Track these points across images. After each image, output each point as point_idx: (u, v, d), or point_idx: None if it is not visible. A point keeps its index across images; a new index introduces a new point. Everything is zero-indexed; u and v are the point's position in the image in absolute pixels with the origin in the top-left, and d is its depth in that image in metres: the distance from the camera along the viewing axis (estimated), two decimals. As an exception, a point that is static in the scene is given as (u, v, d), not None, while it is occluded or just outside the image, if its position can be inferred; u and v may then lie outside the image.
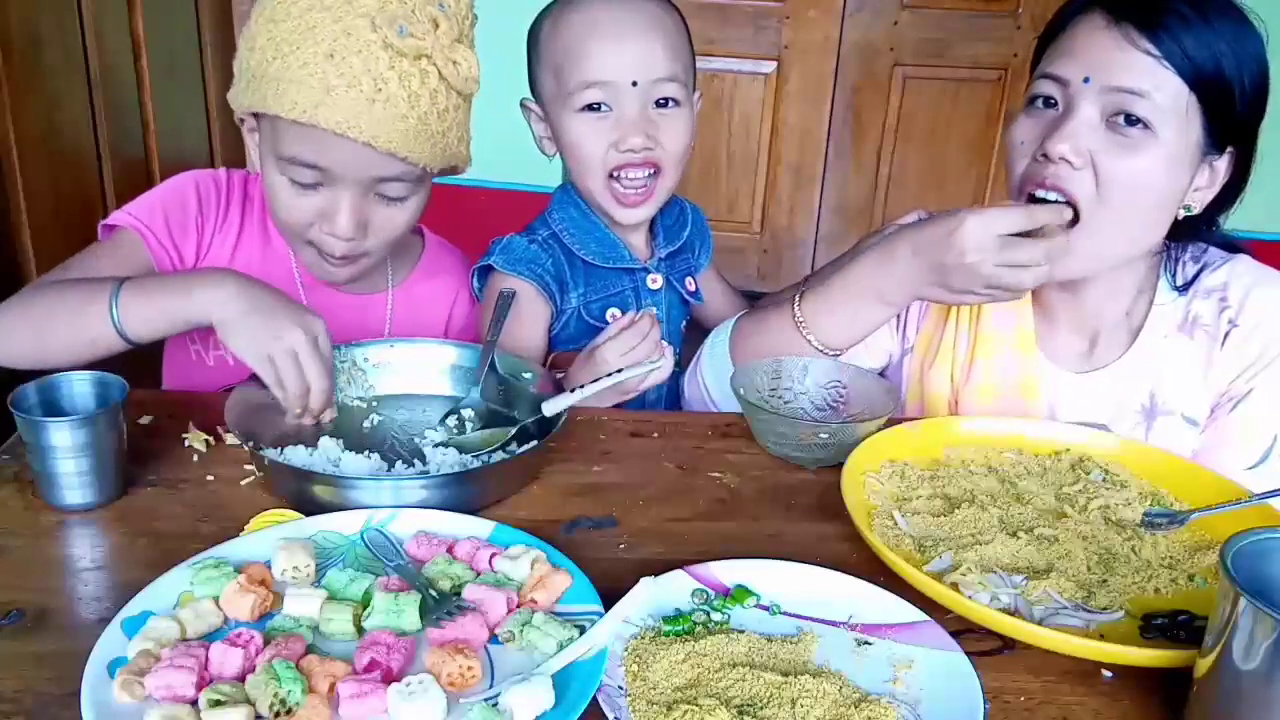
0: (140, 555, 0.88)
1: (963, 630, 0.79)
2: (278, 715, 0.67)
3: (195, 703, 0.68)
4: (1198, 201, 1.14)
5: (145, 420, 1.09)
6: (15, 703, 0.70)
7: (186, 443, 1.05)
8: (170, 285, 1.08)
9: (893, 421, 1.08)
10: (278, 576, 0.81)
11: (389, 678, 0.70)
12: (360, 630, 0.76)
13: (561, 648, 0.74)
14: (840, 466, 0.98)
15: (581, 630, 0.75)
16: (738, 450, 1.11)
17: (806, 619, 0.81)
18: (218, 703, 0.66)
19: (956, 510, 0.95)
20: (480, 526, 0.89)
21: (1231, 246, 1.22)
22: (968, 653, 0.76)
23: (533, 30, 1.35)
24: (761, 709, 0.70)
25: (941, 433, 1.10)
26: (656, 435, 1.13)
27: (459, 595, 0.80)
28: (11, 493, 0.96)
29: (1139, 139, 1.06)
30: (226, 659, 0.71)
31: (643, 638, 0.77)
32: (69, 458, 0.91)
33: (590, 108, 1.29)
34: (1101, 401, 1.21)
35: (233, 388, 1.07)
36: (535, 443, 1.02)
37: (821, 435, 1.05)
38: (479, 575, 0.83)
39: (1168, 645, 0.77)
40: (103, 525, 0.92)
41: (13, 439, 1.01)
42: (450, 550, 0.86)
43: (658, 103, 1.30)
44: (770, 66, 3.47)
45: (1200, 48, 1.04)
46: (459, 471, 0.99)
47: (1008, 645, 0.80)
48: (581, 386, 1.08)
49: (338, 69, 1.06)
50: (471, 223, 1.58)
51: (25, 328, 1.08)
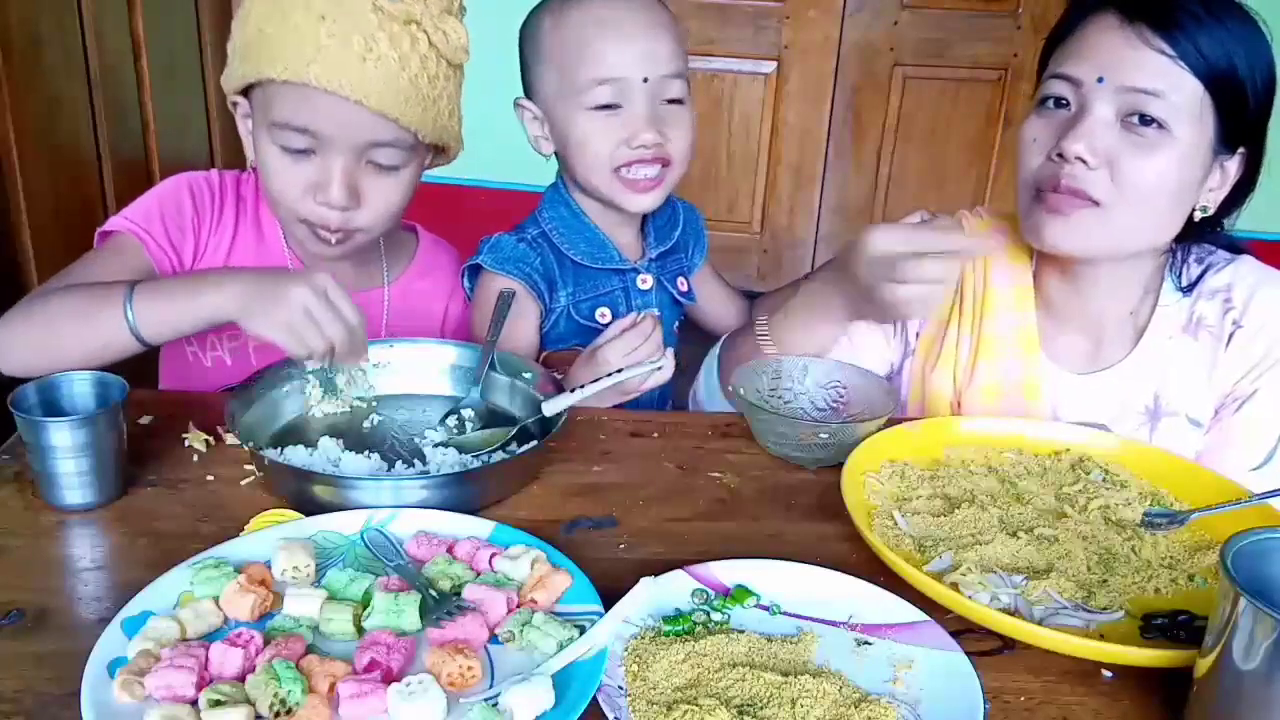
0: (140, 555, 0.88)
1: (963, 630, 0.79)
2: (278, 715, 0.67)
3: (195, 703, 0.68)
4: (1212, 202, 1.13)
5: (145, 420, 1.09)
6: (15, 703, 0.70)
7: (186, 443, 1.05)
8: (181, 287, 1.09)
9: (893, 421, 1.08)
10: (278, 576, 0.81)
11: (389, 678, 0.70)
12: (360, 630, 0.76)
13: (561, 648, 0.74)
14: (840, 466, 0.98)
15: (581, 630, 0.75)
16: (738, 450, 1.11)
17: (806, 619, 0.81)
18: (218, 703, 0.66)
19: (956, 510, 0.95)
20: (480, 526, 0.89)
21: (1235, 247, 1.22)
22: (968, 653, 0.76)
23: (528, 28, 1.34)
24: (761, 709, 0.70)
25: (941, 433, 1.10)
26: (656, 435, 1.13)
27: (459, 595, 0.80)
28: (11, 493, 0.96)
29: (1154, 138, 1.06)
30: (226, 659, 0.71)
31: (643, 638, 0.77)
32: (69, 458, 0.91)
33: (601, 105, 1.28)
34: (1105, 402, 1.21)
35: (232, 388, 1.07)
36: (535, 443, 1.02)
37: (821, 435, 1.05)
38: (479, 575, 0.83)
39: (1168, 645, 0.77)
40: (103, 525, 0.92)
41: (13, 439, 1.01)
42: (450, 550, 0.86)
43: (666, 100, 1.30)
44: (770, 66, 3.47)
45: (1214, 46, 1.04)
46: (459, 471, 0.99)
47: (1008, 645, 0.80)
48: (581, 386, 1.08)
49: (329, 30, 1.08)
50: (470, 223, 1.57)
51: (33, 336, 1.07)
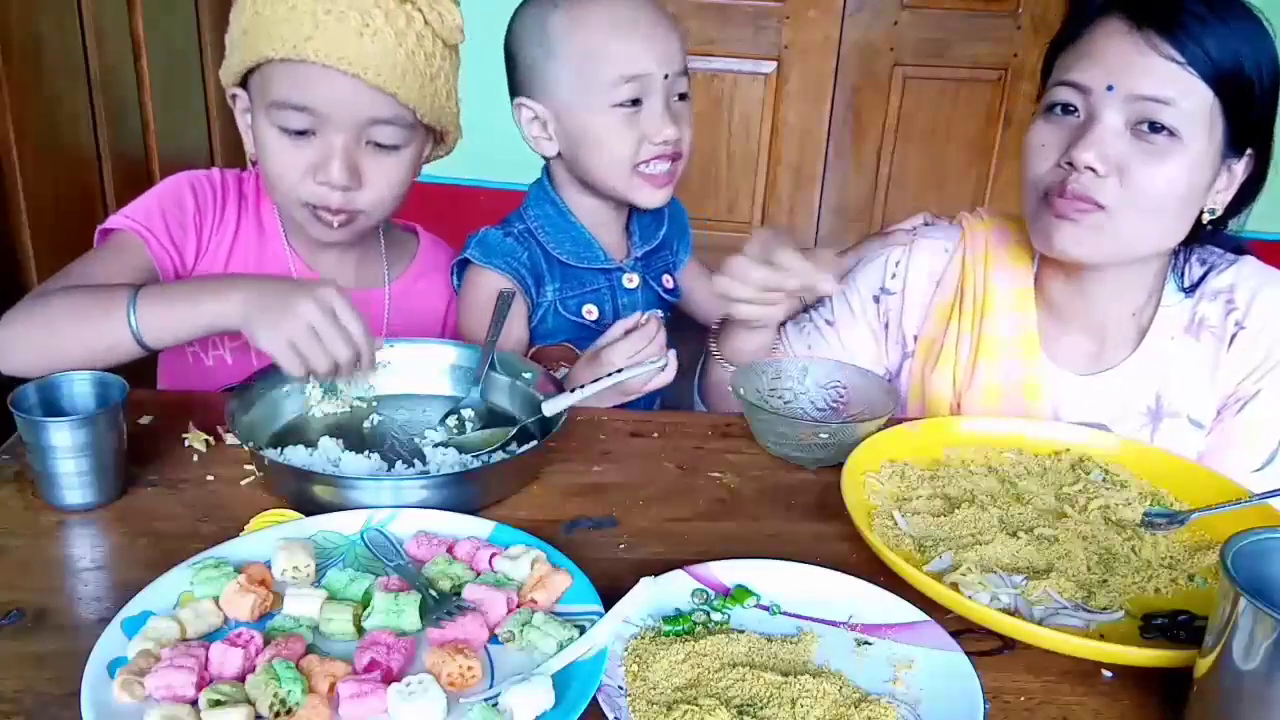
0: (140, 555, 0.88)
1: (963, 630, 0.79)
2: (278, 715, 0.67)
3: (195, 703, 0.68)
4: (1220, 204, 1.13)
5: (145, 420, 1.09)
6: (15, 703, 0.70)
7: (186, 443, 1.05)
8: (185, 293, 1.09)
9: (893, 421, 1.08)
10: (278, 576, 0.81)
11: (389, 678, 0.70)
12: (360, 630, 0.76)
13: (561, 648, 0.74)
14: (840, 466, 0.98)
15: (581, 630, 0.75)
16: (738, 450, 1.11)
17: (806, 619, 0.81)
18: (218, 703, 0.66)
19: (956, 510, 0.95)
20: (480, 526, 0.89)
21: (1237, 248, 1.21)
22: (968, 653, 0.76)
23: (529, 26, 1.31)
24: (761, 709, 0.70)
25: (941, 433, 1.10)
26: (656, 435, 1.13)
27: (459, 595, 0.80)
28: (11, 493, 0.96)
29: (1165, 146, 1.06)
30: (226, 659, 0.71)
31: (643, 638, 0.76)
32: (69, 458, 0.91)
33: (624, 103, 1.27)
34: (1107, 403, 1.21)
35: (233, 388, 1.07)
36: (535, 443, 1.02)
37: (821, 435, 1.05)
38: (479, 575, 0.83)
39: (1168, 645, 0.77)
40: (103, 525, 0.92)
41: (13, 439, 1.01)
42: (450, 550, 0.86)
43: (677, 95, 1.30)
44: (770, 66, 3.47)
45: (1222, 50, 1.03)
46: (459, 471, 0.99)
47: (1008, 645, 0.80)
48: (582, 386, 1.08)
49: (325, 7, 1.10)
50: (470, 223, 1.57)
51: (33, 337, 1.06)
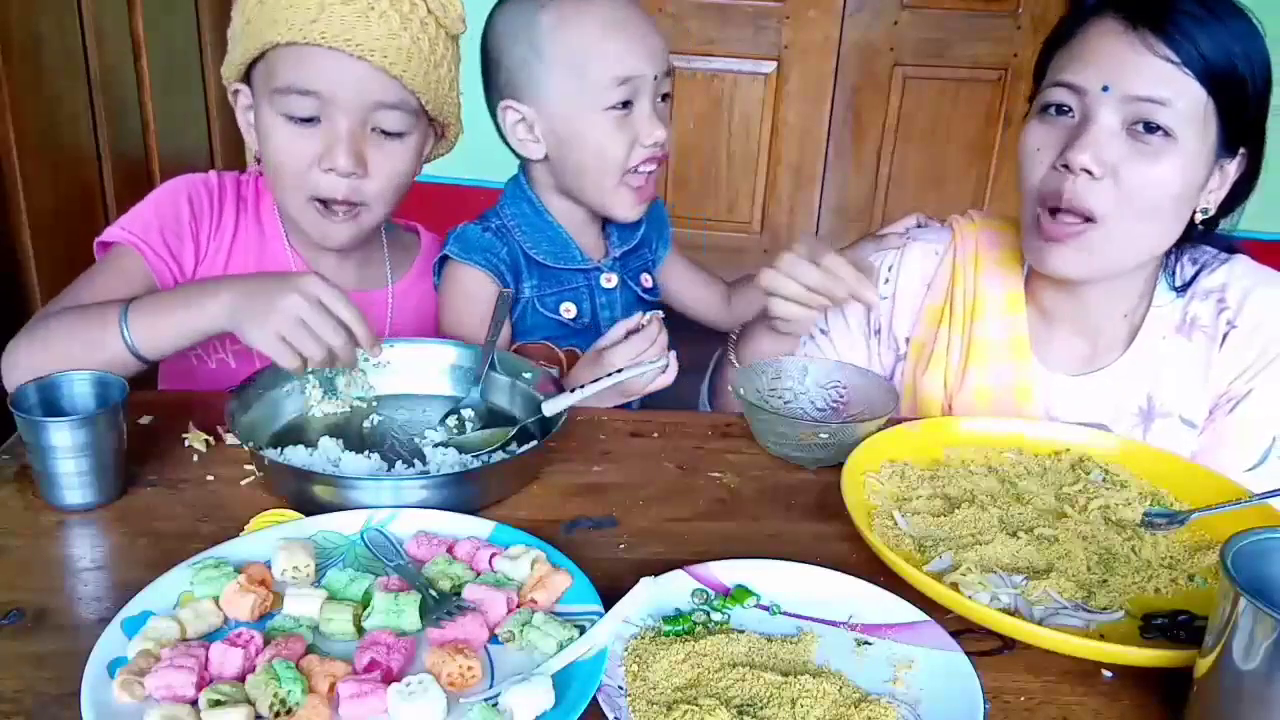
0: (140, 555, 0.88)
1: (963, 630, 0.79)
2: (278, 715, 0.67)
3: (195, 703, 0.68)
4: (1213, 203, 1.13)
5: (145, 420, 1.09)
6: (15, 703, 0.70)
7: (186, 443, 1.05)
8: (174, 303, 1.09)
9: (893, 421, 1.08)
10: (278, 576, 0.81)
11: (389, 678, 0.70)
12: (360, 630, 0.76)
13: (561, 648, 0.74)
14: (840, 466, 0.98)
15: (581, 630, 0.75)
16: (738, 450, 1.11)
17: (806, 619, 0.81)
18: (218, 703, 0.66)
19: (956, 510, 0.95)
20: (480, 526, 0.89)
21: (1229, 247, 1.21)
22: (968, 653, 0.76)
23: (514, 26, 1.28)
24: (761, 709, 0.70)
25: (941, 433, 1.10)
26: (656, 435, 1.13)
27: (459, 595, 0.80)
28: (11, 493, 0.96)
29: (1160, 146, 1.05)
30: (226, 659, 0.71)
31: (643, 638, 0.76)
32: (69, 458, 0.91)
33: (616, 105, 1.26)
34: (1099, 404, 1.21)
35: (233, 388, 1.07)
36: (535, 443, 1.02)
37: (821, 435, 1.05)
38: (479, 575, 0.83)
39: (1168, 645, 0.77)
40: (103, 525, 0.92)
41: (13, 439, 1.01)
42: (450, 550, 0.86)
43: (661, 96, 1.30)
44: (770, 66, 3.47)
45: (1216, 49, 1.03)
46: (459, 471, 0.99)
47: (1008, 645, 0.80)
48: (582, 386, 1.08)
49: None
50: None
51: (35, 362, 1.06)
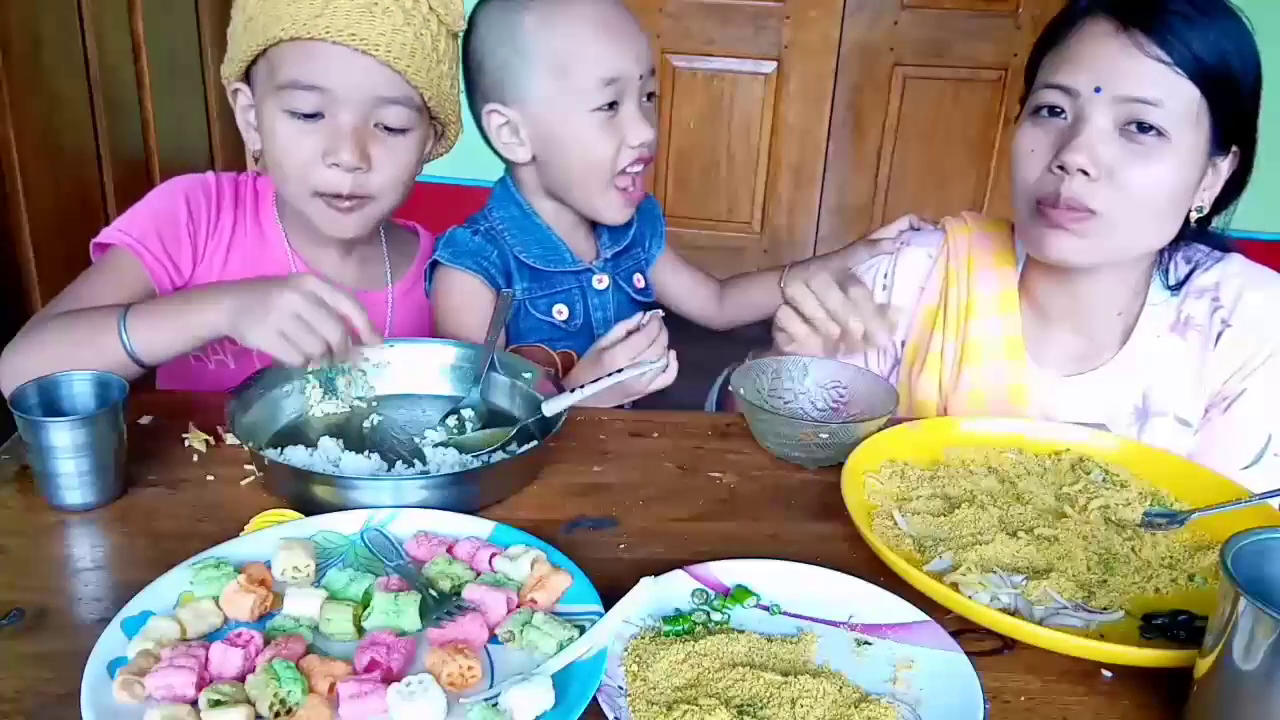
0: (140, 555, 0.88)
1: (963, 630, 0.79)
2: (278, 715, 0.67)
3: (195, 703, 0.68)
4: (1206, 202, 1.13)
5: (145, 420, 1.09)
6: (15, 703, 0.70)
7: (186, 443, 1.05)
8: (172, 309, 1.09)
9: (893, 422, 1.08)
10: (278, 576, 0.81)
11: (389, 678, 0.70)
12: (360, 630, 0.76)
13: (561, 648, 0.74)
14: (840, 466, 0.98)
15: (581, 630, 0.75)
16: (738, 450, 1.11)
17: (806, 619, 0.81)
18: (218, 703, 0.66)
19: (956, 510, 0.95)
20: (480, 526, 0.89)
21: (1223, 246, 1.21)
22: (968, 653, 0.76)
23: (495, 27, 1.26)
24: (761, 709, 0.70)
25: (941, 433, 1.10)
26: (656, 435, 1.13)
27: (459, 595, 0.80)
28: (11, 493, 0.96)
29: (1154, 146, 1.06)
30: (226, 659, 0.70)
31: (643, 638, 0.76)
32: (69, 458, 0.91)
33: (602, 106, 1.25)
34: (1093, 404, 1.21)
35: (233, 388, 1.07)
36: (535, 443, 1.02)
37: (821, 435, 1.05)
38: (479, 575, 0.83)
39: (1168, 645, 0.77)
40: (103, 525, 0.92)
41: (13, 439, 1.00)
42: (450, 550, 0.86)
43: (646, 96, 1.29)
44: (770, 66, 3.47)
45: (1208, 49, 1.04)
46: (459, 471, 0.99)
47: (1008, 645, 0.80)
48: (582, 386, 1.08)
49: None
50: (471, 223, 1.57)
51: (33, 367, 1.05)
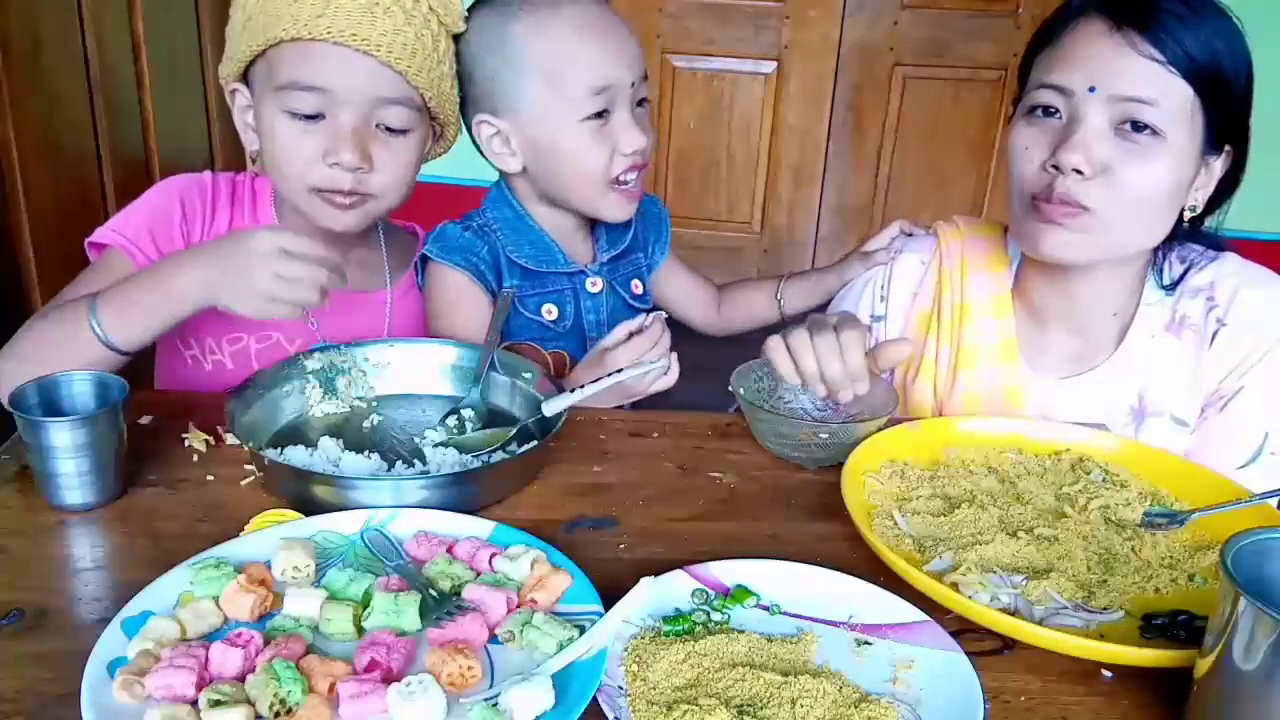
0: (140, 555, 0.88)
1: (963, 630, 0.79)
2: (278, 715, 0.67)
3: (195, 703, 0.68)
4: (1200, 200, 1.13)
5: (145, 420, 1.09)
6: (15, 703, 0.70)
7: (186, 443, 1.05)
8: (141, 287, 1.07)
9: (893, 422, 1.08)
10: (278, 576, 0.81)
11: (389, 678, 0.70)
12: (360, 630, 0.76)
13: (561, 648, 0.74)
14: (840, 466, 0.98)
15: (581, 630, 0.75)
16: (738, 450, 1.11)
17: (806, 619, 0.81)
18: (218, 703, 0.66)
19: (956, 510, 0.95)
20: (480, 526, 0.89)
21: (1217, 245, 1.21)
22: (968, 653, 0.76)
23: (487, 38, 1.24)
24: (761, 709, 0.70)
25: (941, 433, 1.10)
26: (656, 435, 1.13)
27: (459, 595, 0.80)
28: (11, 493, 0.96)
29: (1148, 144, 1.06)
30: (226, 659, 0.71)
31: (643, 638, 0.77)
32: (69, 458, 0.91)
33: (594, 114, 1.23)
34: (1090, 404, 1.21)
35: (233, 388, 1.07)
36: (535, 443, 1.02)
37: (821, 435, 1.05)
38: (479, 575, 0.83)
39: (1168, 645, 0.77)
40: (103, 525, 0.92)
41: (13, 439, 1.00)
42: (450, 550, 0.86)
43: (638, 102, 1.28)
44: (770, 66, 3.48)
45: (1201, 48, 1.04)
46: (459, 471, 0.99)
47: (1008, 645, 0.80)
48: (582, 386, 1.08)
49: None
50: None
51: (19, 369, 1.05)
